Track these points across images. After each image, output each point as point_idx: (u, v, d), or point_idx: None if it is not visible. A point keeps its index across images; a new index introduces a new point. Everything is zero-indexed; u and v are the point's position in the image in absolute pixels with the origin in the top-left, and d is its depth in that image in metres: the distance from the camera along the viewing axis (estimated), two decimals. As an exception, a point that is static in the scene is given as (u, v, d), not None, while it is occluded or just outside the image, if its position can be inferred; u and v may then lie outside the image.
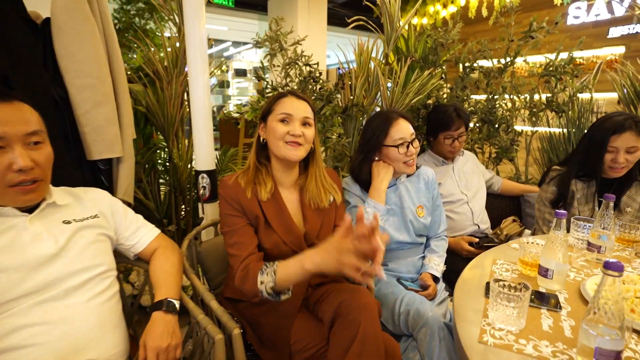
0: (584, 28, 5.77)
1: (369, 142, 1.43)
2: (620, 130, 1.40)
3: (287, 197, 1.23)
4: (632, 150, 1.41)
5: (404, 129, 1.39)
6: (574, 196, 1.57)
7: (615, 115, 1.45)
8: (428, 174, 1.55)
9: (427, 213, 1.51)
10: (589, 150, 1.50)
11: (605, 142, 1.43)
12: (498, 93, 2.24)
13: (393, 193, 1.47)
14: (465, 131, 1.88)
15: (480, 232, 1.87)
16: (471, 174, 1.97)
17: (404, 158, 1.39)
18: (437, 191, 1.56)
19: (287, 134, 1.12)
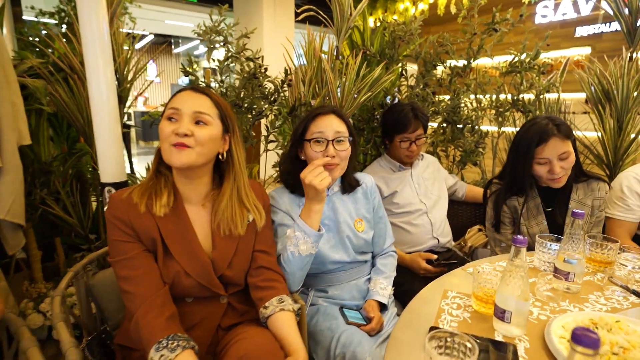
0: (552, 28, 5.77)
1: (293, 136, 1.21)
2: (544, 139, 1.25)
3: (194, 216, 0.99)
4: (564, 157, 1.26)
5: (326, 124, 1.17)
6: (518, 212, 1.40)
7: (537, 121, 1.29)
8: (366, 181, 1.34)
9: (369, 226, 1.30)
10: (516, 163, 1.33)
11: (530, 154, 1.27)
12: (462, 91, 2.06)
13: (326, 206, 1.25)
14: (423, 133, 1.68)
15: (441, 246, 1.67)
16: (432, 180, 1.78)
17: (317, 157, 1.16)
18: (378, 200, 1.35)
19: (172, 134, 0.88)
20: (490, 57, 2.07)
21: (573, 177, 1.36)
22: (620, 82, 1.93)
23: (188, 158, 0.89)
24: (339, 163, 1.20)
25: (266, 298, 1.00)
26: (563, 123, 1.29)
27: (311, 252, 1.07)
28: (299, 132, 1.20)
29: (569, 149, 1.27)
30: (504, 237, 1.47)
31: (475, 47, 1.98)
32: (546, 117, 1.31)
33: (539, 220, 1.40)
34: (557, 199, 1.40)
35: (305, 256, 1.06)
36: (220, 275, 0.98)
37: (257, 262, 1.04)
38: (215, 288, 0.97)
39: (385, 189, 1.70)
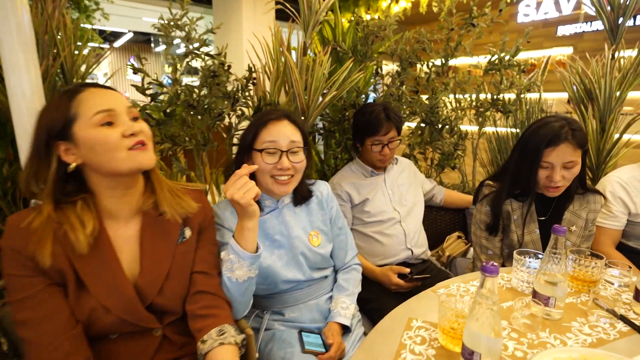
0: (534, 27, 5.74)
1: (241, 142, 1.07)
2: (556, 142, 1.13)
3: (119, 234, 0.84)
4: (569, 166, 1.14)
5: (279, 132, 1.03)
6: (510, 218, 1.29)
7: (551, 121, 1.17)
8: (321, 190, 1.21)
9: (326, 240, 1.17)
10: (521, 164, 1.21)
11: (539, 155, 1.15)
12: (440, 91, 1.94)
13: (276, 219, 1.11)
14: (397, 136, 1.56)
15: (415, 257, 1.55)
16: (407, 185, 1.65)
17: (271, 170, 1.03)
18: (336, 210, 1.22)
19: (123, 137, 0.77)
20: (469, 55, 1.96)
21: (575, 188, 1.25)
22: (603, 81, 1.84)
23: (151, 157, 0.81)
24: (293, 175, 1.07)
25: (205, 329, 0.86)
26: (580, 129, 1.16)
27: (250, 276, 0.92)
28: (248, 140, 1.05)
29: (576, 159, 1.15)
30: (491, 244, 1.35)
31: (453, 44, 1.86)
32: (563, 118, 1.18)
33: (531, 228, 1.29)
34: (552, 207, 1.29)
35: (243, 282, 0.92)
36: (150, 303, 0.83)
37: (196, 286, 0.89)
38: (144, 322, 0.82)
39: (356, 196, 1.57)
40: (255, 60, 1.74)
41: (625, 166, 1.60)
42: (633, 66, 1.81)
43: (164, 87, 1.58)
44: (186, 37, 1.70)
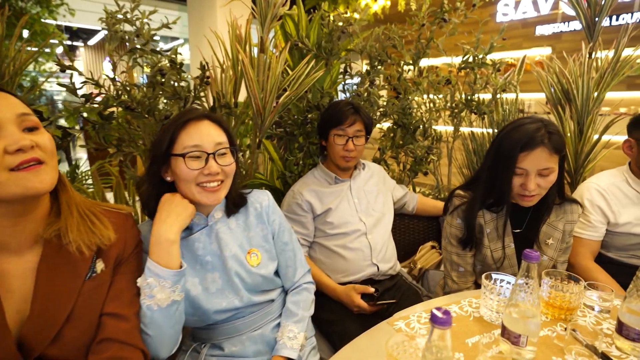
0: (514, 28, 5.73)
1: (154, 149, 0.91)
2: (530, 146, 1.01)
3: (10, 270, 0.68)
4: (545, 173, 1.03)
5: (202, 134, 0.89)
6: (483, 231, 1.17)
7: (526, 123, 1.05)
8: (260, 200, 1.06)
9: (268, 258, 1.03)
10: (494, 170, 1.09)
11: (512, 160, 1.03)
12: (411, 91, 1.82)
13: (207, 238, 0.96)
14: (364, 132, 1.42)
15: (382, 273, 1.42)
16: (375, 193, 1.52)
17: (197, 177, 0.88)
18: (279, 223, 1.07)
19: (6, 154, 0.61)
20: (443, 53, 1.85)
21: (552, 197, 1.14)
22: (580, 81, 1.75)
23: (50, 176, 0.66)
24: (223, 180, 0.92)
25: None
26: (557, 132, 1.04)
27: (175, 299, 0.78)
28: (164, 146, 0.89)
29: (553, 165, 1.03)
30: (463, 260, 1.23)
31: (424, 40, 1.74)
32: (539, 120, 1.07)
33: (506, 242, 1.17)
34: (529, 219, 1.18)
35: (166, 307, 0.77)
36: (40, 356, 0.67)
37: (104, 332, 0.73)
38: None
39: (318, 206, 1.43)
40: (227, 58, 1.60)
41: (604, 171, 1.50)
42: (610, 65, 1.72)
43: (101, 87, 1.41)
44: (136, 32, 1.53)
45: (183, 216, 0.87)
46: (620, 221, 1.37)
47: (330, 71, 1.80)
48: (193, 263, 0.94)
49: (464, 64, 1.73)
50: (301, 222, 1.43)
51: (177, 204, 0.88)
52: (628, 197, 1.39)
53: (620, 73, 1.73)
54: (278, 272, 1.09)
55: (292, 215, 1.45)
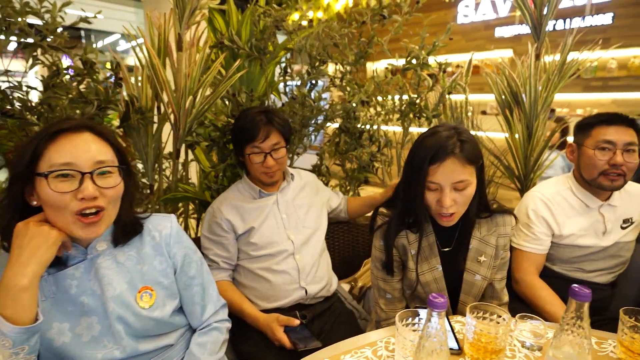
0: (476, 29, 5.75)
1: (14, 166, 0.73)
2: (441, 157, 0.90)
3: None
4: (460, 187, 0.91)
5: (78, 149, 0.73)
6: (407, 253, 1.05)
7: (439, 131, 0.94)
8: (161, 228, 0.90)
9: (166, 296, 0.87)
10: (408, 185, 0.98)
11: (423, 173, 0.91)
12: (354, 93, 1.69)
13: (85, 273, 0.79)
14: (282, 143, 1.27)
15: (312, 297, 1.27)
16: (307, 207, 1.38)
17: (70, 204, 0.71)
18: (185, 255, 0.91)
19: None
20: (388, 53, 1.73)
21: (475, 210, 1.02)
22: (528, 83, 1.68)
23: None
24: (104, 207, 0.75)
25: None
26: (470, 140, 0.93)
27: None
28: (24, 162, 0.72)
29: (468, 177, 0.92)
30: (389, 286, 1.11)
31: (365, 39, 1.62)
32: (453, 128, 0.95)
33: (432, 264, 1.05)
34: (458, 235, 1.06)
35: None
36: None
37: None
38: None
39: (240, 225, 1.27)
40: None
41: (550, 179, 1.42)
42: (557, 67, 1.65)
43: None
44: (45, 26, 1.33)
45: (42, 251, 0.70)
46: (565, 232, 1.29)
47: (266, 72, 1.65)
48: (64, 304, 0.77)
49: (407, 64, 1.62)
50: (222, 243, 1.27)
51: (31, 235, 0.70)
52: (572, 206, 1.31)
53: (566, 75, 1.67)
54: (183, 310, 0.93)
55: (212, 236, 1.28)
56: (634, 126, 1.23)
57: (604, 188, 1.23)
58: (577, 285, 0.63)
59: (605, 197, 1.29)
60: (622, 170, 1.19)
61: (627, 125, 1.22)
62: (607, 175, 1.20)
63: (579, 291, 0.61)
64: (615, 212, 1.30)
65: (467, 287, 1.06)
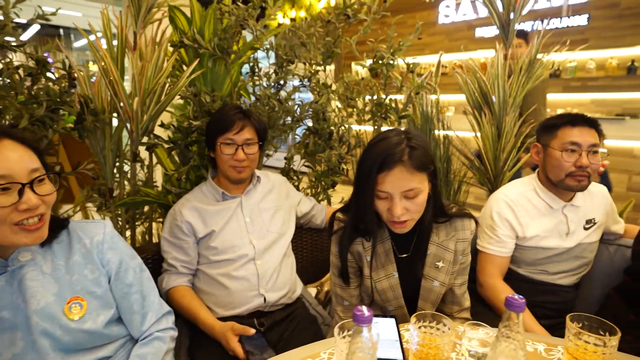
0: (460, 29, 5.78)
1: None
2: (388, 165, 0.86)
3: None
4: (410, 195, 0.88)
5: (9, 160, 0.69)
6: (363, 259, 1.02)
7: (389, 137, 0.90)
8: (92, 234, 0.86)
9: (99, 306, 0.83)
10: (358, 194, 0.95)
11: (371, 181, 0.88)
12: (321, 93, 1.66)
13: (7, 286, 0.75)
14: (256, 139, 1.26)
15: (272, 304, 1.24)
16: (273, 210, 1.34)
17: (10, 216, 0.69)
18: (121, 261, 0.88)
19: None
20: (356, 52, 1.70)
21: (430, 216, 1.00)
22: (496, 84, 1.67)
23: None
24: (44, 213, 0.73)
25: None
26: (421, 146, 0.89)
27: None
28: None
29: (418, 185, 0.88)
30: (347, 293, 1.08)
31: (331, 39, 1.59)
32: (403, 132, 0.92)
33: (388, 270, 1.02)
34: (414, 241, 1.04)
35: None
36: None
37: None
38: None
39: (200, 228, 1.23)
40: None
41: (515, 180, 1.42)
42: (525, 67, 1.65)
43: None
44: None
45: None
46: (528, 234, 1.28)
47: (230, 72, 1.61)
48: None
49: (373, 65, 1.60)
50: (181, 247, 1.23)
51: None
52: (536, 208, 1.30)
53: (534, 75, 1.66)
54: (122, 319, 0.89)
55: (172, 239, 1.25)
56: (595, 127, 1.22)
57: (571, 189, 1.23)
58: (511, 295, 0.60)
59: (568, 198, 1.28)
60: (587, 171, 1.19)
61: (590, 127, 1.22)
62: (574, 177, 1.20)
63: (514, 301, 0.58)
64: (578, 213, 1.29)
65: (425, 293, 1.03)
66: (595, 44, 4.63)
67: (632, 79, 4.44)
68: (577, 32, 4.59)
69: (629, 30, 4.35)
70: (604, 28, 4.49)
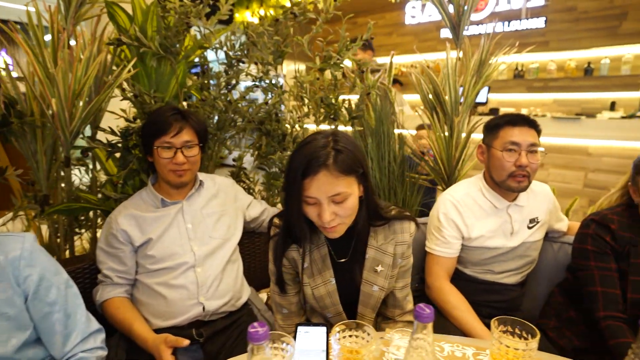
0: (429, 30, 5.87)
1: None
2: (313, 170, 0.83)
3: None
4: (338, 199, 0.85)
5: None
6: (299, 266, 1.00)
7: (316, 139, 0.87)
8: (6, 250, 0.79)
9: (12, 328, 0.77)
10: (287, 199, 0.92)
11: (299, 187, 0.85)
12: (268, 92, 1.62)
13: None
14: (196, 141, 1.21)
15: (212, 312, 1.19)
16: (218, 216, 1.29)
17: None
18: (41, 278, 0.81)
19: None
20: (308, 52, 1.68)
21: (364, 220, 0.96)
22: (447, 84, 1.68)
23: None
24: None
25: None
26: (347, 149, 0.85)
27: None
28: None
29: (346, 189, 0.85)
30: (286, 301, 1.05)
31: (279, 37, 1.55)
32: (331, 134, 0.88)
33: (325, 277, 1.00)
34: (352, 246, 1.01)
35: None
36: None
37: None
38: None
39: (137, 236, 1.17)
40: None
41: (462, 181, 1.42)
42: (473, 68, 1.67)
43: None
44: None
45: None
46: (473, 235, 1.28)
47: (176, 72, 1.54)
48: None
49: (323, 65, 1.57)
50: (117, 256, 1.17)
51: None
52: (482, 208, 1.30)
53: (484, 76, 1.68)
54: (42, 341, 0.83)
55: (107, 248, 1.18)
56: (535, 127, 1.24)
57: (512, 189, 1.24)
58: (421, 305, 0.59)
59: (512, 198, 1.30)
60: (526, 171, 1.20)
61: (530, 126, 1.23)
62: (515, 177, 1.21)
63: (422, 312, 0.57)
64: (522, 212, 1.31)
65: (364, 298, 1.01)
66: (555, 46, 4.80)
67: (589, 80, 4.62)
68: (538, 34, 4.74)
69: (586, 33, 4.52)
70: (563, 31, 4.65)
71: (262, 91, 1.72)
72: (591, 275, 1.12)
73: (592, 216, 1.18)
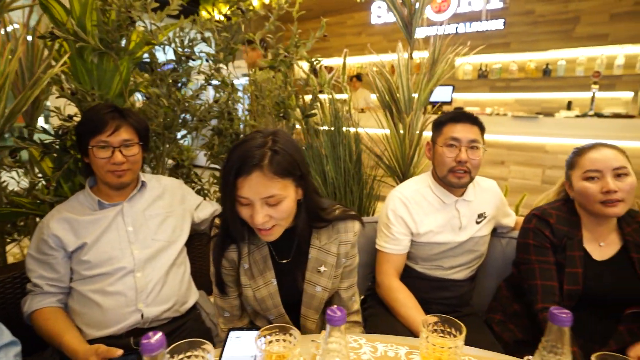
0: (397, 30, 5.93)
1: None
2: (246, 170, 0.80)
3: None
4: (271, 202, 0.83)
5: None
6: (238, 267, 0.97)
7: (254, 138, 0.84)
8: None
9: None
10: (223, 197, 0.89)
11: (233, 187, 0.82)
12: (219, 91, 1.58)
13: None
14: (135, 140, 1.15)
15: (152, 319, 1.14)
16: (162, 218, 1.24)
17: None
18: None
19: None
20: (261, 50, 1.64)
21: (304, 222, 0.94)
22: (400, 82, 1.69)
23: None
24: None
25: None
26: (285, 151, 0.83)
27: None
28: None
29: (280, 192, 0.82)
30: (227, 304, 1.01)
31: (227, 34, 1.51)
32: (271, 134, 0.85)
33: (267, 278, 0.97)
34: (295, 246, 0.98)
35: None
36: None
37: None
38: None
39: (70, 240, 1.10)
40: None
41: (412, 178, 1.43)
42: (425, 66, 1.68)
43: None
44: None
45: None
46: (422, 230, 1.28)
47: (120, 69, 1.47)
48: None
49: (272, 62, 1.55)
50: (49, 263, 1.10)
51: None
52: (430, 204, 1.31)
53: (436, 75, 1.70)
54: None
55: (38, 255, 1.10)
56: (477, 124, 1.26)
57: (452, 185, 1.25)
58: (333, 307, 0.57)
59: (460, 193, 1.31)
60: (466, 167, 1.21)
61: (472, 123, 1.25)
62: (454, 173, 1.22)
63: (333, 316, 0.55)
64: (470, 207, 1.32)
65: (307, 299, 0.99)
66: (516, 47, 4.97)
67: (547, 81, 4.81)
68: (499, 35, 4.88)
69: (544, 35, 4.70)
70: (523, 33, 4.81)
71: (213, 89, 1.67)
72: (532, 269, 1.15)
73: (534, 211, 1.20)
